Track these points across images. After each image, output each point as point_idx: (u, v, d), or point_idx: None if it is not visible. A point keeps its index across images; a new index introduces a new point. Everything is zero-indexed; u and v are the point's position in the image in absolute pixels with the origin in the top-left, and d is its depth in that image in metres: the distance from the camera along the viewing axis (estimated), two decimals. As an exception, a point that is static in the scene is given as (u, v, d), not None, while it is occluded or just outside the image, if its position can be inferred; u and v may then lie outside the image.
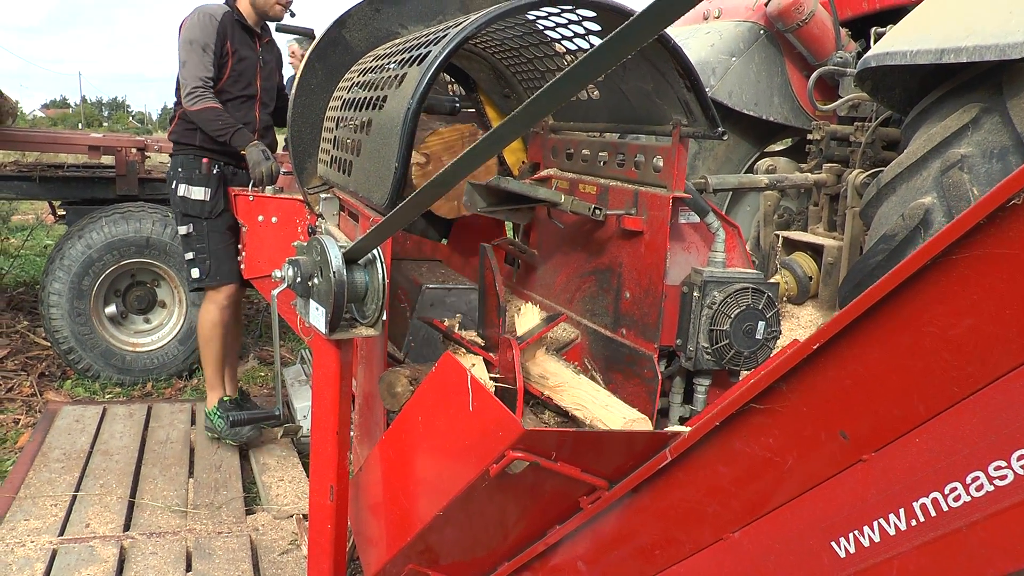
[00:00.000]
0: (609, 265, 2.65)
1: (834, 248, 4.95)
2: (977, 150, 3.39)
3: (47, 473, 4.36)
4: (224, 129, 4.34)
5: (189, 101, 4.34)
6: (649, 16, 0.97)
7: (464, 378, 1.65)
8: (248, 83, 4.60)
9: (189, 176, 4.51)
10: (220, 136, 4.35)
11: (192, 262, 4.57)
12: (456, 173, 1.38)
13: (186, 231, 4.55)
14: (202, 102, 4.34)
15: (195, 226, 4.52)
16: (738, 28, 5.90)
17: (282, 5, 4.58)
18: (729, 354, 2.36)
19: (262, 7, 4.56)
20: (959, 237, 0.99)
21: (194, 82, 4.34)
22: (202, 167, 4.51)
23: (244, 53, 4.57)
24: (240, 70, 4.55)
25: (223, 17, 4.47)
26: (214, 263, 4.55)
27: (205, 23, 4.42)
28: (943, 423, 1.07)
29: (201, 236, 4.52)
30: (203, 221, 4.51)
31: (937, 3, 3.79)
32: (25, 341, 6.75)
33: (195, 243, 4.54)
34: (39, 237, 10.89)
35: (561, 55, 2.73)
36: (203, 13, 4.46)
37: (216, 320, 4.68)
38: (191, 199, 4.50)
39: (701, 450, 1.47)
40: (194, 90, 4.34)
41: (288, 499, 4.22)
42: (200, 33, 4.39)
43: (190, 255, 4.57)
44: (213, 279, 4.57)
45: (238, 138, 4.33)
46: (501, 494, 1.74)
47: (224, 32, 4.46)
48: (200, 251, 4.53)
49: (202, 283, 4.59)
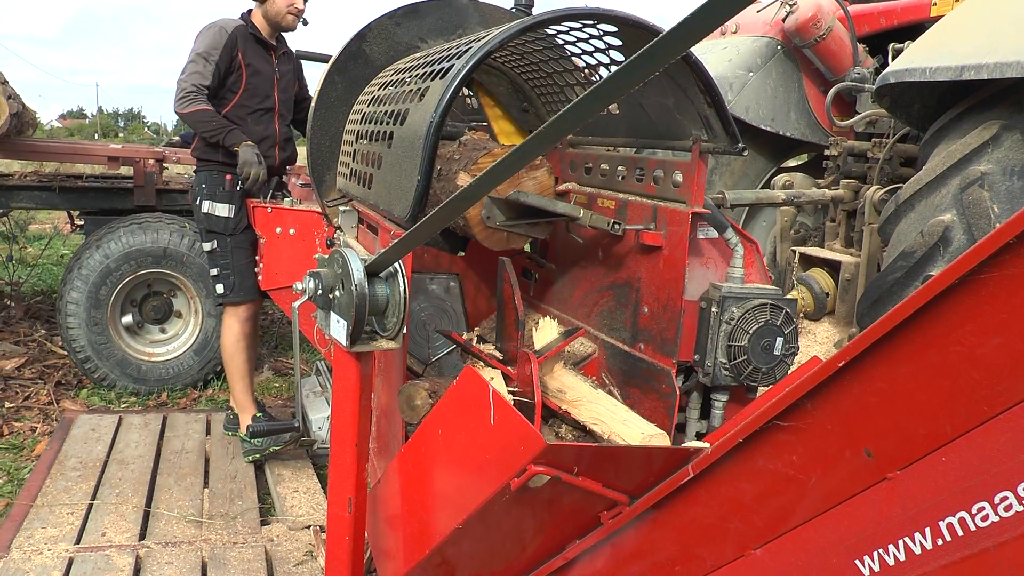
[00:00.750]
0: (627, 280, 2.65)
1: (851, 264, 4.93)
2: (997, 167, 3.37)
3: (64, 482, 4.38)
4: (217, 130, 4.39)
5: (180, 104, 4.40)
6: (677, 34, 0.97)
7: (486, 392, 1.65)
8: (265, 96, 4.64)
9: (213, 192, 4.55)
10: (213, 136, 4.40)
11: (217, 278, 4.62)
12: (481, 188, 1.39)
13: (210, 247, 4.59)
14: (193, 104, 4.39)
15: (219, 242, 4.56)
16: (756, 43, 5.90)
17: (294, 15, 4.61)
18: (747, 370, 2.35)
19: (274, 18, 4.60)
20: (988, 256, 0.98)
21: (188, 87, 4.40)
22: (225, 183, 4.54)
23: (259, 66, 4.61)
24: (256, 83, 4.59)
25: (234, 30, 4.52)
26: (238, 279, 4.60)
27: (213, 34, 4.48)
28: (971, 442, 1.07)
29: (225, 252, 4.57)
30: (227, 237, 4.55)
31: (957, 20, 3.78)
32: (42, 350, 6.79)
33: (219, 259, 4.58)
34: (57, 246, 10.96)
35: (581, 69, 2.74)
36: (214, 26, 4.53)
37: (239, 334, 4.72)
38: (215, 216, 4.54)
39: (724, 466, 1.47)
40: (187, 94, 4.39)
41: (303, 510, 4.22)
42: (206, 44, 4.46)
43: (215, 271, 4.61)
44: (237, 294, 4.62)
45: (231, 137, 4.38)
46: (521, 508, 1.74)
47: (234, 44, 4.50)
48: (224, 267, 4.58)
49: (226, 298, 4.64)
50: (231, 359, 4.78)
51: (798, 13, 5.56)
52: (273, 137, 4.64)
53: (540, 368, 2.38)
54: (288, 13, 4.58)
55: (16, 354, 6.56)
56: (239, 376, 4.81)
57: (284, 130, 4.74)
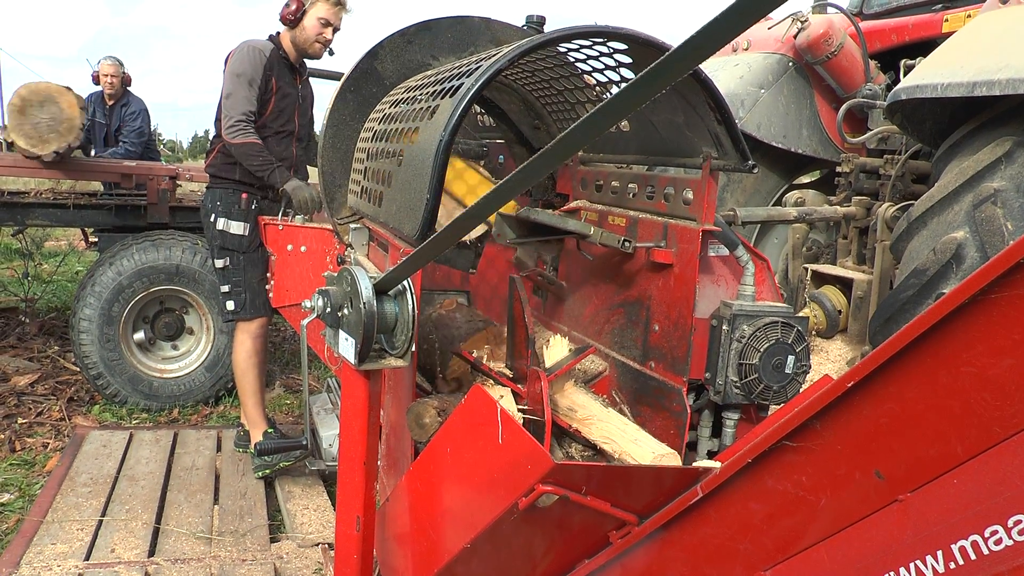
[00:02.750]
0: (638, 297, 2.64)
1: (863, 282, 4.91)
2: (1011, 184, 3.36)
3: (74, 497, 4.38)
4: (263, 166, 4.39)
5: (230, 134, 4.39)
6: (685, 51, 0.97)
7: (494, 410, 1.65)
8: (288, 119, 4.67)
9: (228, 210, 4.56)
10: (259, 172, 4.41)
11: (228, 295, 4.62)
12: (488, 206, 1.38)
13: (223, 264, 4.60)
14: (243, 136, 4.39)
15: (232, 260, 4.57)
16: (767, 60, 5.90)
17: (321, 44, 4.62)
18: (758, 388, 2.34)
19: (302, 45, 4.60)
20: (999, 275, 0.97)
21: (237, 115, 4.40)
22: (241, 202, 4.56)
23: (287, 90, 4.64)
24: (282, 107, 4.62)
25: (271, 53, 4.54)
26: (249, 296, 4.61)
27: (254, 57, 4.48)
28: (983, 464, 1.06)
29: (238, 269, 4.58)
30: (240, 255, 4.56)
31: (968, 36, 3.78)
32: (55, 366, 6.82)
33: (231, 276, 4.59)
34: (71, 263, 11.03)
35: (592, 87, 2.74)
36: (252, 48, 4.51)
37: (251, 350, 4.73)
38: (230, 233, 4.56)
39: (733, 487, 1.45)
40: (236, 123, 4.39)
41: (313, 527, 4.21)
42: (249, 67, 4.45)
43: (226, 288, 4.62)
44: (248, 312, 4.63)
45: (276, 175, 4.38)
46: (529, 527, 1.73)
47: (271, 68, 4.53)
48: (236, 284, 4.59)
49: (237, 315, 4.65)
50: (243, 375, 4.79)
51: (809, 30, 5.56)
52: (290, 159, 4.67)
53: (550, 386, 2.37)
54: (316, 42, 4.59)
55: (30, 370, 6.59)
56: (251, 392, 4.82)
57: (300, 153, 4.78)
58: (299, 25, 4.56)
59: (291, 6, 4.54)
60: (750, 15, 0.89)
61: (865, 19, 6.18)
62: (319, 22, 4.54)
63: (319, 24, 4.54)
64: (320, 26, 4.55)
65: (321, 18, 4.54)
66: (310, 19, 4.54)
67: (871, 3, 6.37)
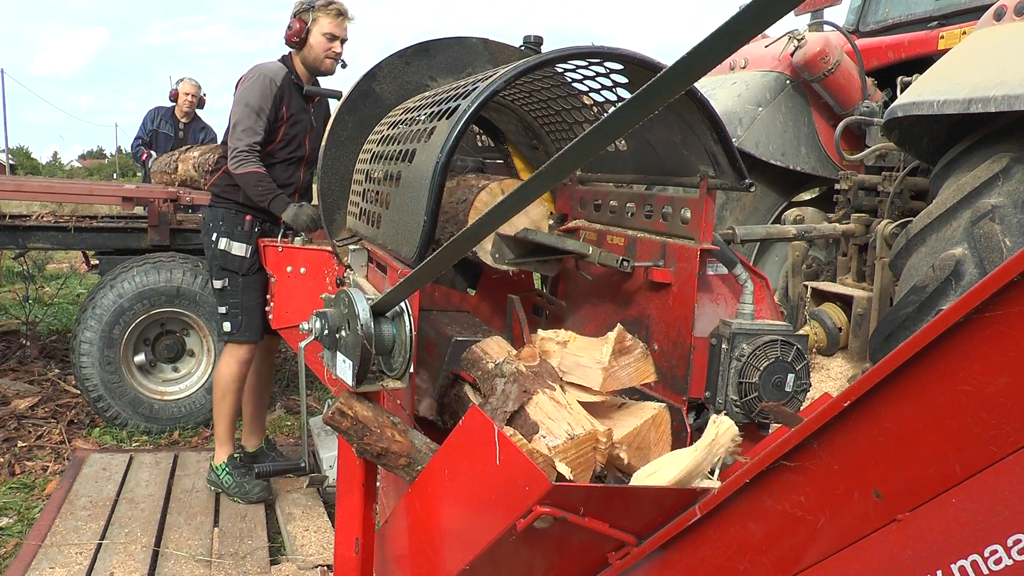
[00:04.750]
0: (637, 317, 2.64)
1: (863, 299, 4.91)
2: (1008, 200, 3.36)
3: (73, 521, 4.36)
4: (264, 195, 4.38)
5: (234, 164, 4.39)
6: (677, 71, 0.97)
7: (491, 432, 1.64)
8: (298, 145, 4.65)
9: (231, 231, 4.55)
10: (260, 201, 4.40)
11: (225, 315, 4.60)
12: (485, 227, 1.38)
13: (221, 285, 4.58)
14: (246, 166, 4.38)
15: (231, 281, 4.56)
16: (764, 78, 5.92)
17: (332, 58, 4.59)
18: (758, 407, 2.33)
19: (313, 63, 4.58)
20: (993, 293, 0.97)
21: (242, 146, 4.39)
22: (245, 223, 4.55)
23: (299, 116, 4.61)
24: (293, 133, 4.60)
25: (283, 81, 4.51)
26: (245, 318, 4.59)
27: (264, 87, 4.45)
28: (981, 483, 1.05)
29: (236, 291, 4.56)
30: (240, 276, 4.55)
31: (964, 53, 3.79)
32: (56, 389, 6.82)
33: (229, 297, 4.58)
34: (72, 286, 11.05)
35: (589, 107, 2.75)
36: (263, 76, 4.48)
37: (235, 375, 4.69)
38: (231, 254, 4.54)
39: (731, 507, 1.45)
40: (239, 154, 4.38)
41: (313, 549, 4.19)
42: (258, 97, 4.42)
43: (223, 308, 4.60)
44: (244, 334, 4.61)
45: (276, 204, 4.36)
46: (528, 548, 1.72)
47: (282, 96, 4.50)
48: (233, 306, 4.57)
49: (232, 337, 4.62)
50: (222, 398, 4.73)
51: (806, 48, 5.58)
52: (296, 184, 4.65)
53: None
54: (326, 58, 4.56)
55: (30, 393, 6.59)
56: (225, 416, 4.78)
57: (308, 178, 4.76)
58: (306, 44, 4.54)
59: (294, 27, 4.52)
60: (743, 35, 0.90)
61: (861, 36, 6.21)
62: (325, 37, 4.52)
63: (325, 40, 4.52)
64: (327, 41, 4.53)
65: (326, 32, 4.51)
66: (315, 36, 4.51)
67: (867, 21, 6.41)
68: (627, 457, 2.07)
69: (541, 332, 2.35)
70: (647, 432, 2.14)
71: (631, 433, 2.10)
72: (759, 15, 0.87)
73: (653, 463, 1.80)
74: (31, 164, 44.89)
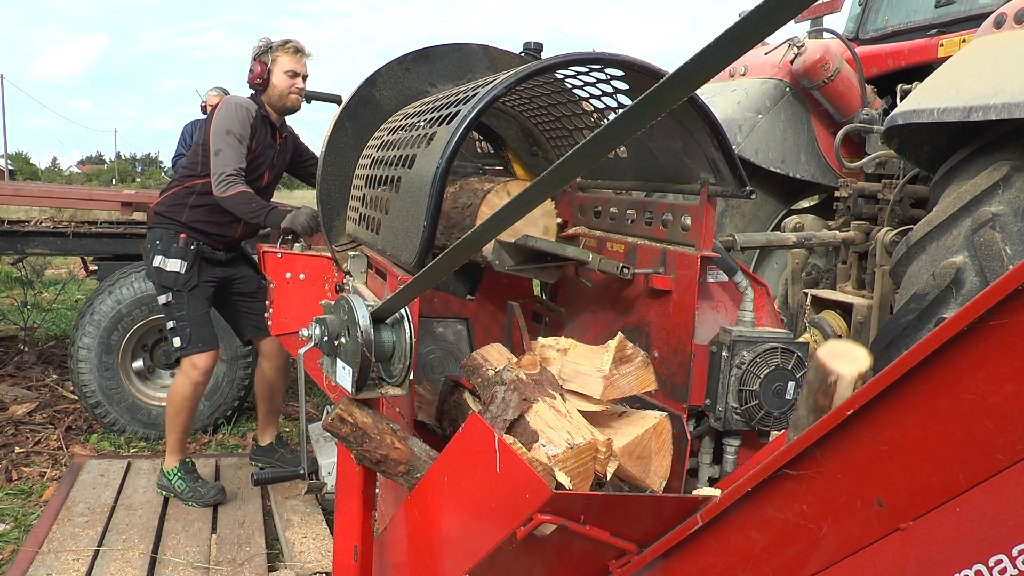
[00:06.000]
0: (637, 324, 2.63)
1: (863, 307, 4.90)
2: (1009, 208, 3.35)
3: (71, 528, 4.35)
4: (257, 212, 4.44)
5: (220, 188, 4.44)
6: (680, 78, 0.97)
7: (491, 439, 1.64)
8: (258, 176, 4.75)
9: (166, 248, 4.61)
10: (254, 218, 4.46)
11: (173, 330, 4.64)
12: (485, 234, 1.38)
13: (165, 300, 4.63)
14: (233, 188, 4.44)
15: (174, 296, 4.61)
16: (764, 85, 5.92)
17: (296, 94, 4.71)
18: (759, 415, 2.32)
19: (278, 102, 4.70)
20: (998, 301, 0.97)
21: (228, 170, 4.45)
22: (180, 241, 4.61)
23: (264, 151, 4.73)
24: (255, 166, 4.69)
25: (256, 113, 4.62)
26: (194, 331, 4.62)
27: (242, 116, 4.54)
28: (986, 492, 1.04)
29: (180, 304, 4.61)
30: (180, 292, 4.61)
31: (964, 60, 3.79)
32: (54, 394, 6.80)
33: (175, 311, 4.61)
34: (71, 292, 11.03)
35: (589, 113, 2.75)
36: (239, 106, 4.57)
37: (188, 393, 4.71)
38: (166, 270, 4.59)
39: (733, 515, 1.44)
40: (227, 177, 4.44)
41: (311, 556, 4.18)
42: (238, 125, 4.51)
43: (171, 323, 4.64)
44: (195, 346, 4.63)
45: (272, 217, 4.40)
46: (528, 556, 1.71)
47: (255, 129, 4.60)
48: (180, 319, 4.61)
49: (184, 351, 4.64)
50: (176, 415, 4.76)
51: (806, 55, 5.58)
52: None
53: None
54: (290, 94, 4.69)
55: (28, 399, 6.57)
56: (178, 431, 4.81)
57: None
58: (269, 85, 4.66)
59: (255, 70, 4.64)
60: (745, 42, 0.89)
61: (861, 44, 6.21)
62: (287, 75, 4.65)
63: (287, 77, 4.65)
64: (289, 78, 4.66)
65: (287, 70, 4.65)
66: (277, 75, 4.64)
67: (867, 28, 6.41)
68: (628, 466, 2.06)
69: (541, 339, 2.35)
70: (648, 441, 2.13)
71: (632, 443, 2.10)
72: (761, 23, 0.87)
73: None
74: (30, 169, 44.93)
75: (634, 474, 2.14)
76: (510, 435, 1.91)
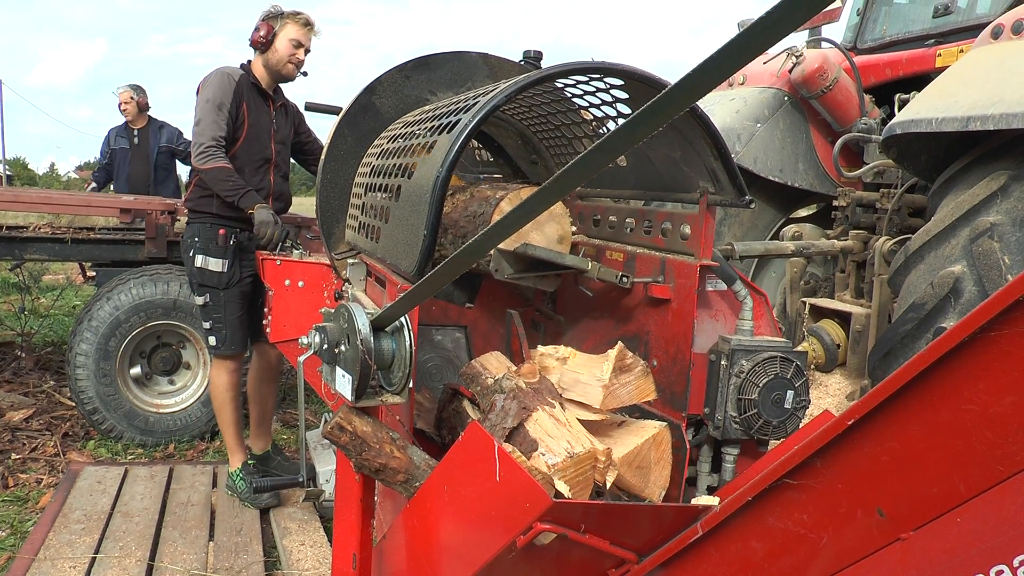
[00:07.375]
0: (636, 333, 2.63)
1: (862, 315, 4.91)
2: (1007, 218, 3.36)
3: (67, 535, 4.34)
4: (234, 190, 4.43)
5: (200, 160, 4.44)
6: (681, 89, 0.97)
7: (491, 448, 1.63)
8: (263, 147, 4.71)
9: (206, 247, 4.59)
10: (229, 197, 4.44)
11: (210, 331, 4.68)
12: (487, 243, 1.38)
13: (203, 301, 4.64)
14: (213, 161, 4.42)
15: (212, 296, 4.61)
16: (763, 94, 5.94)
17: (294, 64, 4.70)
18: (758, 423, 2.32)
19: (276, 67, 4.68)
20: (999, 312, 0.97)
21: (207, 141, 4.44)
22: (219, 238, 4.59)
23: (259, 116, 4.69)
24: (255, 134, 4.66)
25: (240, 79, 4.61)
26: (230, 332, 4.65)
27: (223, 82, 4.54)
28: (986, 503, 1.05)
29: (218, 306, 4.62)
30: (220, 291, 4.60)
31: (962, 71, 3.80)
32: (51, 401, 6.79)
33: (212, 312, 4.64)
34: (69, 297, 11.01)
35: (589, 122, 2.75)
36: (222, 73, 4.59)
37: (228, 383, 4.77)
38: (209, 270, 4.59)
39: (733, 524, 1.44)
40: (207, 149, 4.43)
41: (309, 564, 4.17)
42: (218, 91, 4.51)
43: (207, 324, 4.67)
44: (230, 347, 4.68)
45: (246, 199, 4.41)
46: (527, 565, 1.71)
47: (240, 93, 4.59)
48: (217, 320, 4.63)
49: (219, 351, 4.69)
50: (222, 408, 4.85)
51: (804, 64, 5.60)
52: (267, 189, 4.69)
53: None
54: (289, 62, 4.67)
55: (25, 405, 6.56)
56: (230, 425, 4.88)
57: (279, 182, 4.80)
58: (271, 48, 4.65)
59: (260, 30, 4.64)
60: (747, 53, 0.90)
61: (859, 54, 6.24)
62: (291, 43, 4.65)
63: (291, 45, 4.65)
64: (292, 47, 4.65)
65: (292, 39, 4.64)
66: (281, 41, 4.64)
67: (865, 38, 6.44)
68: (627, 476, 2.06)
69: (541, 348, 2.35)
70: (648, 452, 2.13)
71: (631, 452, 2.10)
72: (764, 33, 0.87)
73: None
74: (28, 175, 44.83)
75: (633, 484, 2.14)
76: (509, 443, 1.91)
